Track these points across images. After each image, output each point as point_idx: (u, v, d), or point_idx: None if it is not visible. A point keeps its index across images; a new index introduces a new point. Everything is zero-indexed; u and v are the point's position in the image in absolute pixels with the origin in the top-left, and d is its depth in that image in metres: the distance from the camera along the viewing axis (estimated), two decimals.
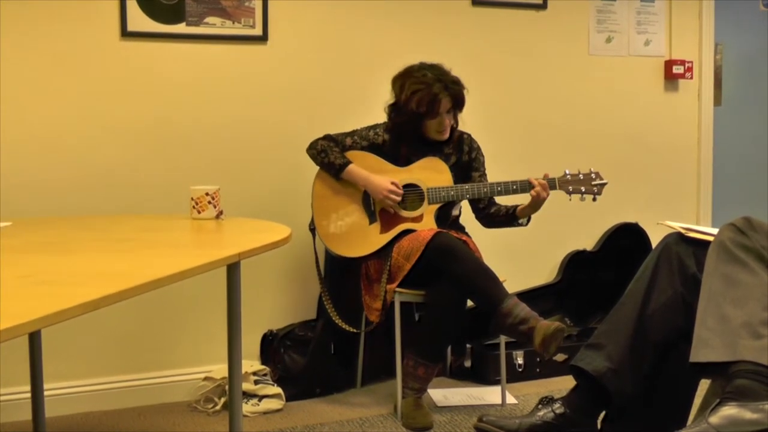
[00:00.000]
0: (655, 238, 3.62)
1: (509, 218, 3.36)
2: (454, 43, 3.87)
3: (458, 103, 3.31)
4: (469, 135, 3.46)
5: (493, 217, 3.41)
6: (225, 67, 3.53)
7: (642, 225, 4.20)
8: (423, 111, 3.24)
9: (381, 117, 3.45)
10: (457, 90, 3.27)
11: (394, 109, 3.35)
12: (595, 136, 4.22)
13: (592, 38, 4.19)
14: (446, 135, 3.33)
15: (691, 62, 4.34)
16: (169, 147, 3.47)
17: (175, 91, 3.47)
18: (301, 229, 3.41)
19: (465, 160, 3.42)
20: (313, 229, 3.37)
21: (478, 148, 3.46)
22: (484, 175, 3.45)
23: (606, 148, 4.23)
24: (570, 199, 3.33)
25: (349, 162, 3.29)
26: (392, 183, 3.27)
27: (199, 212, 2.69)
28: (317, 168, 3.36)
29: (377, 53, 3.73)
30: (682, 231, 2.43)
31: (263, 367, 3.45)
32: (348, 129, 3.42)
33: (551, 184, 3.25)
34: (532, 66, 4.08)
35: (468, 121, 3.48)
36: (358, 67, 3.73)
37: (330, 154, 3.29)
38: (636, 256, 3.87)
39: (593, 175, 3.29)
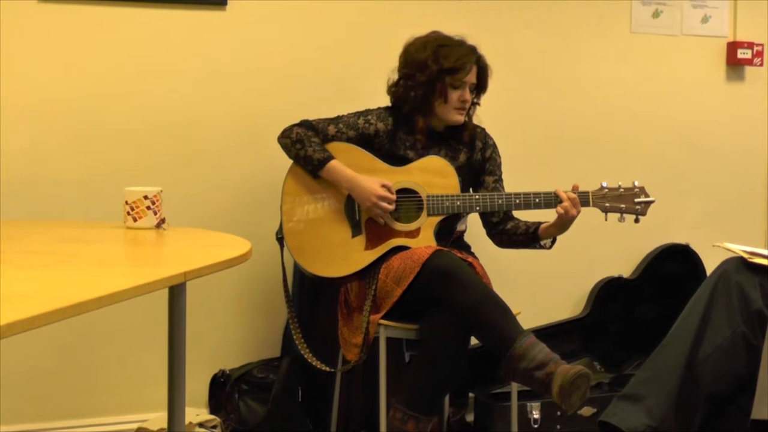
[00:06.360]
0: (710, 264, 3.62)
1: (529, 238, 3.35)
2: (458, 17, 3.88)
3: (481, 82, 3.39)
4: (483, 129, 3.48)
5: (508, 234, 3.41)
6: (172, 38, 3.53)
7: (694, 247, 4.23)
8: (449, 66, 3.28)
9: (370, 104, 3.44)
10: (484, 65, 3.38)
11: (405, 77, 3.36)
12: (637, 135, 4.24)
13: (635, 11, 4.21)
14: (463, 117, 3.36)
15: (762, 45, 4.37)
16: (99, 136, 3.46)
17: (108, 67, 3.46)
18: (263, 244, 3.39)
19: (477, 159, 3.43)
20: (281, 239, 3.36)
21: (494, 146, 3.48)
22: (499, 180, 3.46)
23: (650, 151, 4.24)
24: (606, 219, 3.31)
25: (330, 157, 3.29)
26: (383, 186, 3.27)
27: (135, 220, 2.69)
28: (290, 162, 3.35)
29: (367, 24, 3.73)
30: (745, 255, 2.44)
31: (212, 416, 3.45)
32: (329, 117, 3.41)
33: (583, 199, 3.23)
34: (558, 46, 4.10)
35: (478, 115, 3.48)
36: (343, 41, 3.74)
37: (308, 146, 3.29)
38: (685, 285, 3.88)
39: (637, 190, 3.28)
